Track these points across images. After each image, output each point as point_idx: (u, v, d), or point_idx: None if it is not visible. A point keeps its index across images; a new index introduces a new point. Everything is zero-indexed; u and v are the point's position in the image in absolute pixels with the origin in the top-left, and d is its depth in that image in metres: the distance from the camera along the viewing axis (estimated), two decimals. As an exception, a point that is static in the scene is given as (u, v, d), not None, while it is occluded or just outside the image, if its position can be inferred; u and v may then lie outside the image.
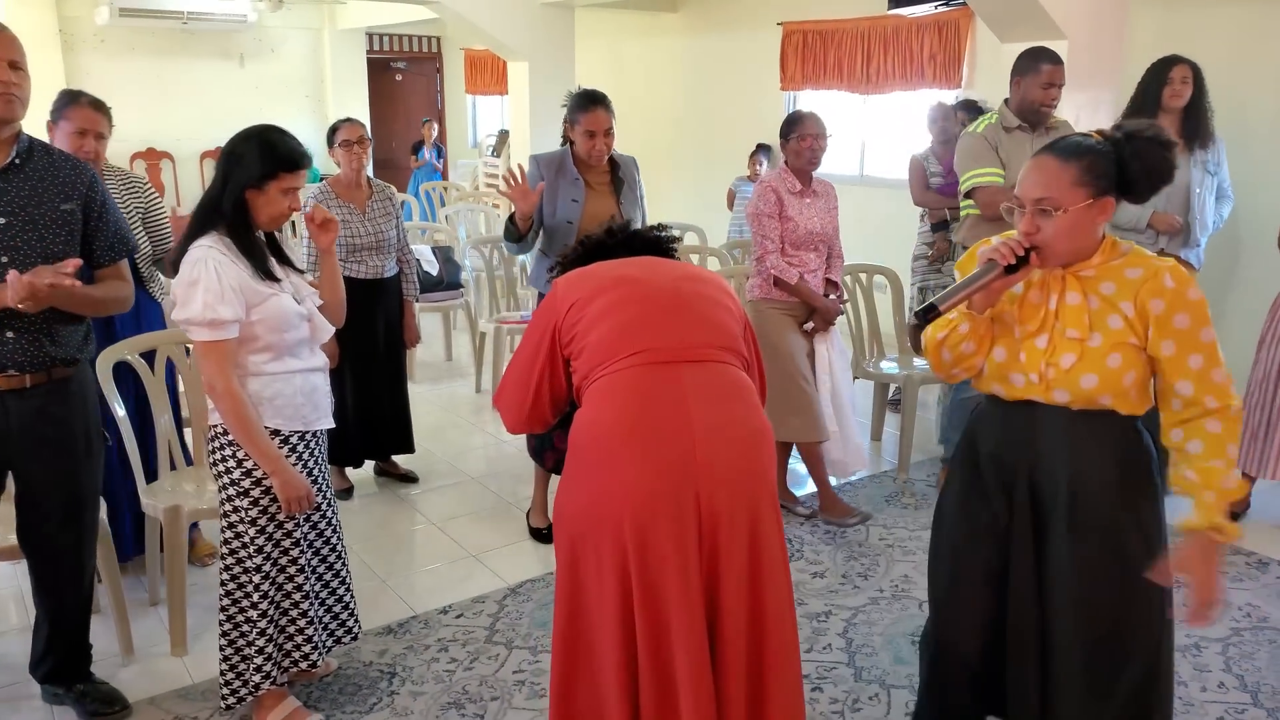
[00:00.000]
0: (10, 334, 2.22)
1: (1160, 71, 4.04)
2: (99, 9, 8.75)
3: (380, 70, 11.26)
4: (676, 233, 2.36)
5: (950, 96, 5.59)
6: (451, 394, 5.54)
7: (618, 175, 3.50)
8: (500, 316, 5.40)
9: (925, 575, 3.31)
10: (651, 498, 1.83)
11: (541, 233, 3.49)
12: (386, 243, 3.87)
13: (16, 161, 2.21)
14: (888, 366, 4.44)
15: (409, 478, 4.21)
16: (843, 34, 6.48)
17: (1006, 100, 3.69)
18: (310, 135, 8.68)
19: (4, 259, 2.17)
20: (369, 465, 4.21)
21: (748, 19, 7.31)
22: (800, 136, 3.64)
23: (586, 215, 3.39)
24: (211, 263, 2.22)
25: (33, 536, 2.44)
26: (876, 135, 6.75)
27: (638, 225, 3.46)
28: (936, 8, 4.37)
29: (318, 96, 10.59)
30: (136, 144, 9.59)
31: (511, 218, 3.43)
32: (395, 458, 4.24)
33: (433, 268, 5.79)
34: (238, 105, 9.68)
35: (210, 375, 2.25)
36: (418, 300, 5.68)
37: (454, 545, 3.62)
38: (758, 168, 6.59)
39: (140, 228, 3.15)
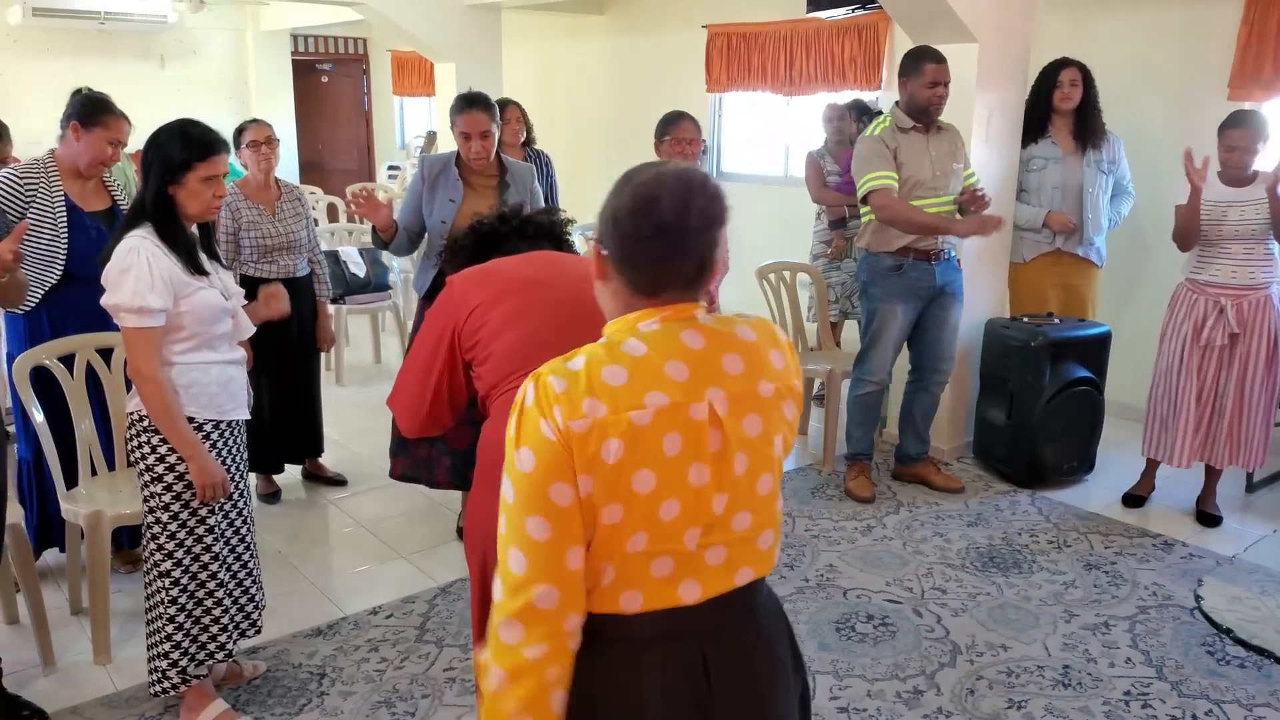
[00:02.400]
0: None
1: (1050, 75, 4.22)
2: (11, 8, 8.47)
3: (306, 72, 11.09)
4: (568, 215, 2.37)
5: (871, 97, 5.74)
6: (380, 396, 5.47)
7: (504, 179, 3.46)
8: (430, 318, 5.38)
9: (849, 564, 3.44)
10: None
11: (425, 237, 3.48)
12: (297, 243, 3.85)
13: None
14: (809, 363, 4.54)
15: (337, 481, 4.19)
16: (765, 36, 6.59)
17: (897, 102, 3.81)
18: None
19: None
20: (297, 469, 4.18)
21: (674, 21, 7.39)
22: (676, 139, 3.67)
23: (462, 215, 3.32)
24: (144, 252, 2.27)
25: None
26: (800, 137, 6.88)
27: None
28: (854, 11, 4.50)
29: (242, 98, 10.38)
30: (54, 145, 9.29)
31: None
32: (323, 460, 4.21)
33: (360, 269, 5.75)
34: (159, 107, 9.37)
35: (136, 360, 2.29)
36: (342, 300, 5.66)
37: (383, 546, 3.62)
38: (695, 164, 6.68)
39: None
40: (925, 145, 3.76)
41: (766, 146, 7.17)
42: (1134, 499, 4.01)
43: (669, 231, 1.26)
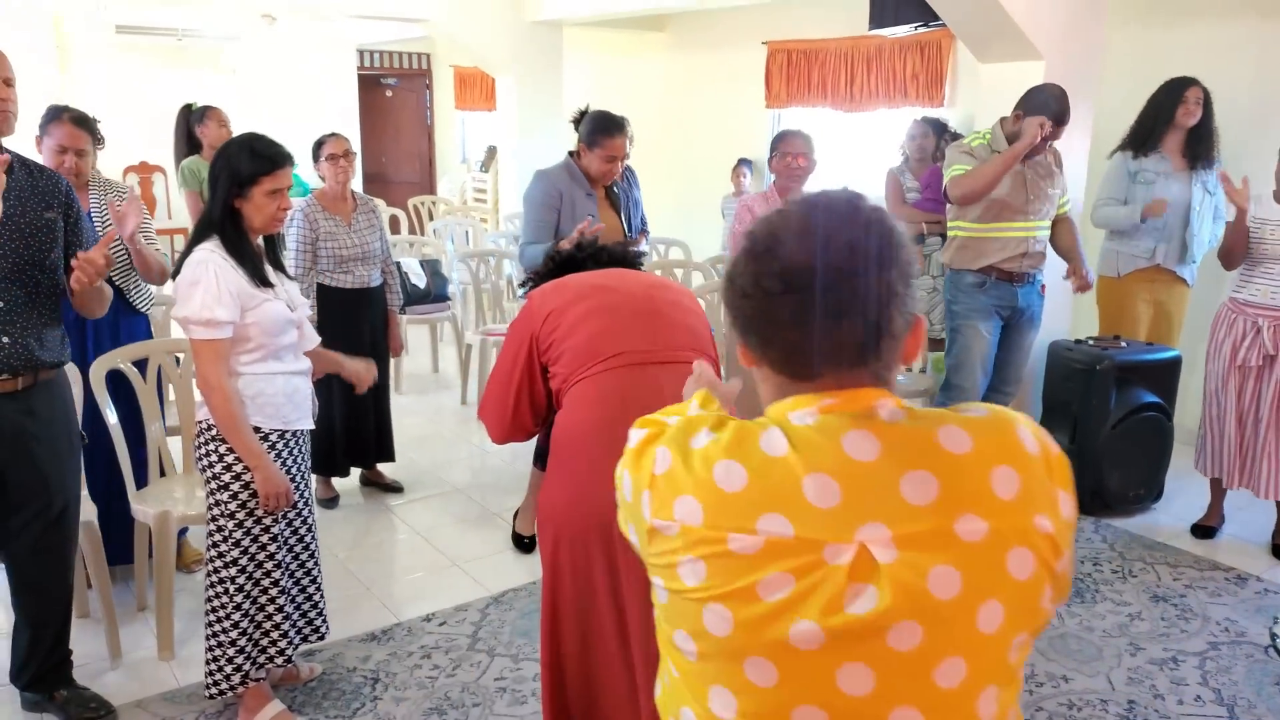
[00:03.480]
0: (5, 339, 2.27)
1: (1175, 90, 4.14)
2: (96, 25, 8.80)
3: (370, 86, 11.33)
4: (644, 249, 2.47)
5: (934, 114, 5.68)
6: (437, 405, 5.58)
7: (611, 190, 3.60)
8: (486, 329, 5.45)
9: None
10: None
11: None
12: (372, 254, 3.93)
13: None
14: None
15: (394, 488, 4.24)
16: (826, 53, 6.58)
17: (1003, 120, 3.78)
18: (301, 149, 8.73)
19: None
20: (355, 475, 4.25)
21: (733, 38, 7.41)
22: (782, 155, 3.72)
23: (604, 233, 3.45)
24: (212, 265, 2.32)
25: (18, 540, 2.47)
26: (860, 152, 6.84)
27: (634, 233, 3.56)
28: (916, 29, 4.46)
29: (308, 111, 10.63)
30: (130, 157, 9.62)
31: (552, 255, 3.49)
32: (380, 467, 4.27)
33: (420, 280, 5.84)
34: (230, 118, 9.71)
35: (204, 371, 2.34)
36: (402, 311, 5.75)
37: (437, 554, 3.65)
38: (741, 180, 6.68)
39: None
40: (1020, 168, 3.73)
41: (825, 162, 7.13)
42: (1203, 529, 3.89)
43: (799, 281, 0.92)
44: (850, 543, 0.89)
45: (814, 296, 0.91)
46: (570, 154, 3.58)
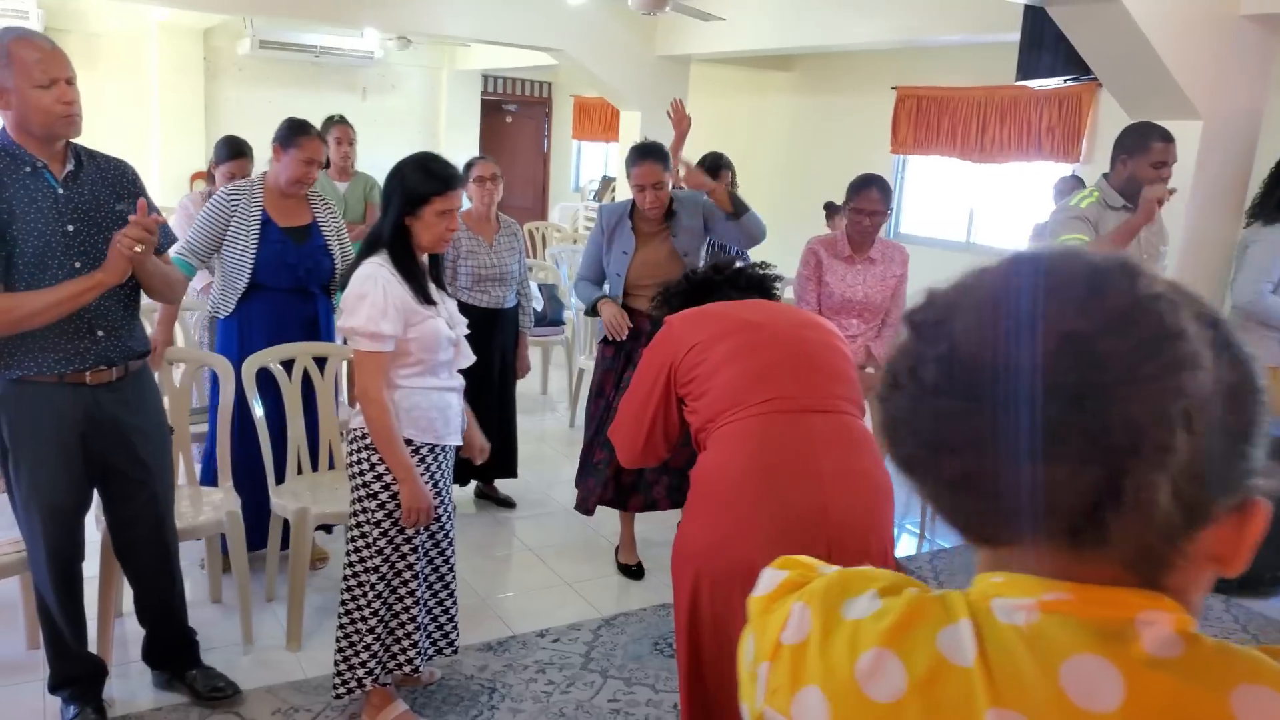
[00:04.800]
0: (100, 332, 2.32)
1: None
2: (241, 41, 9.29)
3: (492, 111, 11.66)
4: (778, 271, 2.41)
5: (1069, 170, 5.58)
6: (544, 427, 5.66)
7: (671, 210, 3.51)
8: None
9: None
10: (785, 540, 1.81)
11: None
12: (509, 275, 4.03)
13: (72, 169, 2.29)
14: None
15: (508, 503, 4.31)
16: (958, 101, 6.52)
17: (1106, 175, 3.51)
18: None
19: (78, 264, 2.25)
20: (470, 487, 4.33)
21: (861, 82, 7.41)
22: (854, 209, 3.60)
23: (635, 264, 3.48)
24: (380, 280, 2.37)
25: (128, 531, 2.54)
26: (987, 203, 6.74)
27: (700, 262, 3.46)
28: (1066, 81, 4.40)
29: (432, 133, 11.00)
30: (259, 169, 10.08)
31: (594, 307, 3.55)
32: (497, 482, 4.35)
33: (538, 304, 5.95)
34: (358, 137, 10.11)
35: (363, 382, 2.38)
36: (530, 333, 5.86)
37: (549, 572, 3.69)
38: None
39: (336, 244, 3.37)
40: None
41: (949, 210, 7.05)
42: (1346, 618, 3.66)
43: (971, 378, 0.60)
44: None
45: (994, 408, 0.58)
46: None
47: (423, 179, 2.42)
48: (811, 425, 1.95)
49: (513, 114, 12.04)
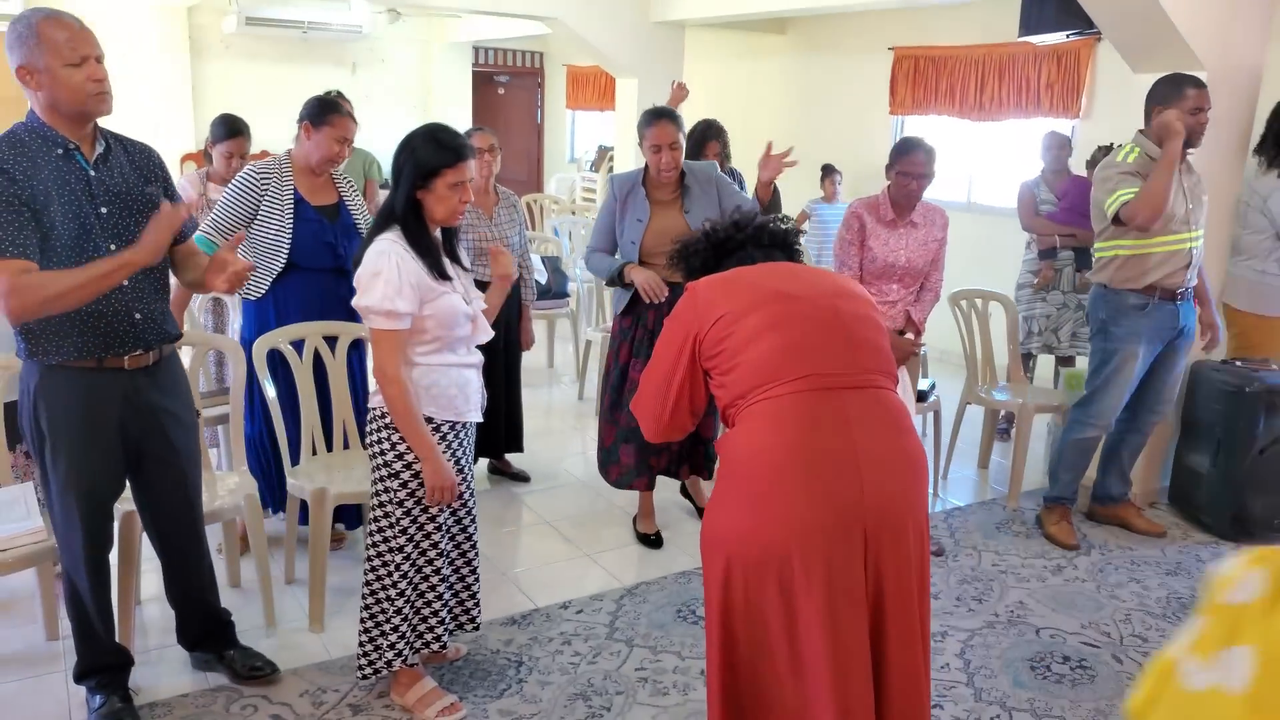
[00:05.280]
0: (138, 315, 2.32)
1: None
2: (227, 18, 9.16)
3: (483, 83, 11.54)
4: (795, 225, 2.33)
5: (1067, 126, 5.54)
6: (551, 400, 5.66)
7: (684, 184, 3.48)
8: (607, 326, 5.50)
9: (1040, 603, 3.31)
10: (821, 529, 1.82)
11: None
12: (510, 247, 3.99)
13: (102, 151, 2.28)
14: (999, 394, 4.41)
15: (522, 477, 4.32)
16: (956, 60, 6.46)
17: (1143, 130, 3.57)
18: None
19: (112, 246, 2.24)
20: (483, 463, 4.34)
21: (857, 43, 7.34)
22: (900, 172, 3.54)
23: (650, 232, 3.43)
24: (394, 257, 2.34)
25: (160, 515, 2.56)
26: (986, 162, 6.70)
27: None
28: (1069, 36, 4.34)
29: (423, 106, 10.89)
30: (254, 147, 9.97)
31: (620, 275, 3.48)
32: (508, 457, 4.35)
33: (542, 276, 5.93)
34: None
35: (380, 360, 2.37)
36: (532, 305, 5.86)
37: (567, 544, 3.71)
38: (834, 187, 6.59)
39: (362, 222, 3.34)
40: (1178, 178, 3.49)
41: (950, 171, 7.00)
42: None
43: None
44: None
45: None
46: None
47: (434, 151, 2.38)
48: (847, 404, 1.89)
49: (505, 85, 11.92)
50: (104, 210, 2.25)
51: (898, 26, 6.90)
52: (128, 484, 2.50)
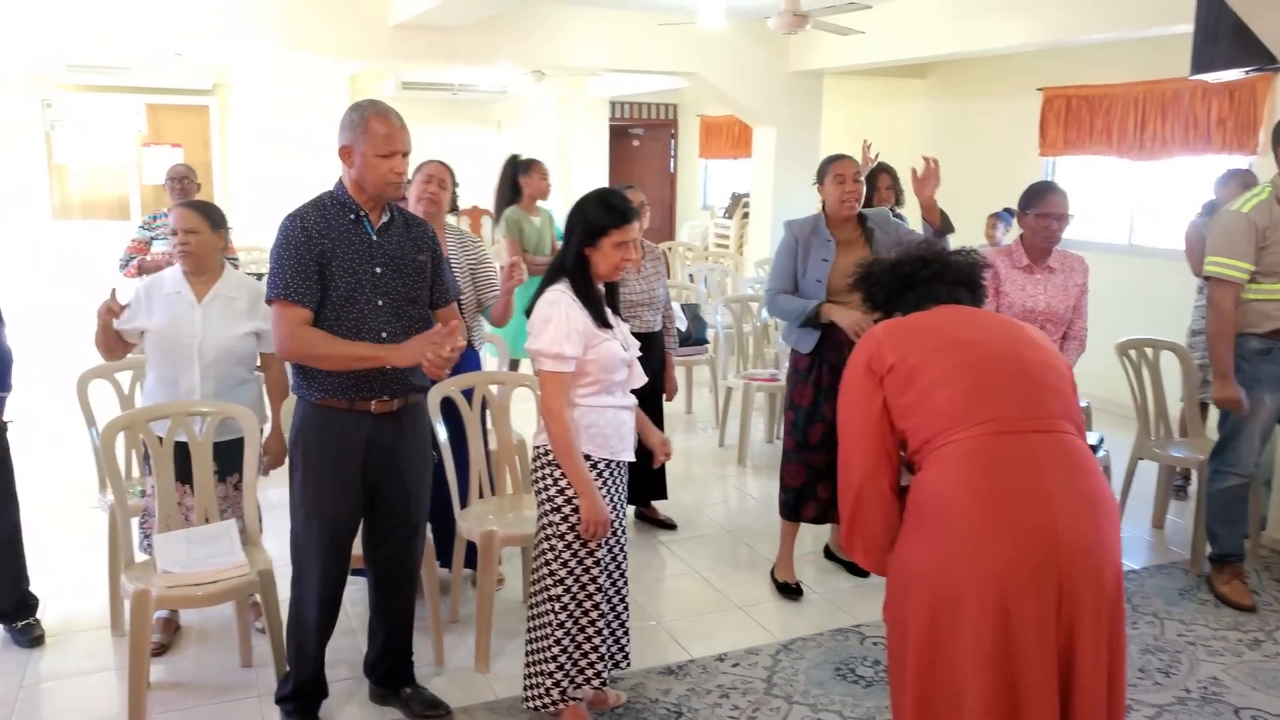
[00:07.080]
0: (389, 366, 2.52)
1: None
2: (385, 82, 9.74)
3: (619, 136, 11.84)
4: (981, 260, 2.29)
5: (1243, 163, 5.24)
6: (691, 446, 5.67)
7: (867, 227, 3.53)
8: (748, 373, 5.49)
9: (1237, 680, 3.06)
10: (1016, 567, 1.80)
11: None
12: (657, 300, 4.08)
13: (386, 220, 2.58)
14: (1176, 450, 4.16)
15: (668, 525, 4.33)
16: (1113, 99, 6.24)
17: None
18: (552, 198, 9.21)
19: (380, 301, 2.53)
20: (630, 510, 4.37)
21: (1002, 85, 7.19)
22: (1040, 214, 3.47)
23: (836, 271, 3.42)
24: (564, 305, 2.52)
25: (382, 548, 2.72)
26: (1148, 202, 6.42)
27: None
28: (1248, 72, 4.13)
29: (562, 161, 11.24)
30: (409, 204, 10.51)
31: (816, 315, 3.47)
32: (654, 504, 4.38)
33: (682, 324, 5.98)
34: (494, 166, 10.43)
35: (548, 400, 2.52)
36: (675, 353, 5.91)
37: (718, 594, 3.68)
38: (995, 232, 6.39)
39: (469, 279, 3.49)
40: None
41: (1107, 211, 6.74)
42: None
43: None
44: None
45: None
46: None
47: (602, 213, 2.58)
48: (1034, 446, 1.89)
49: (639, 138, 12.19)
50: (378, 270, 2.53)
51: (1045, 67, 6.73)
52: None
